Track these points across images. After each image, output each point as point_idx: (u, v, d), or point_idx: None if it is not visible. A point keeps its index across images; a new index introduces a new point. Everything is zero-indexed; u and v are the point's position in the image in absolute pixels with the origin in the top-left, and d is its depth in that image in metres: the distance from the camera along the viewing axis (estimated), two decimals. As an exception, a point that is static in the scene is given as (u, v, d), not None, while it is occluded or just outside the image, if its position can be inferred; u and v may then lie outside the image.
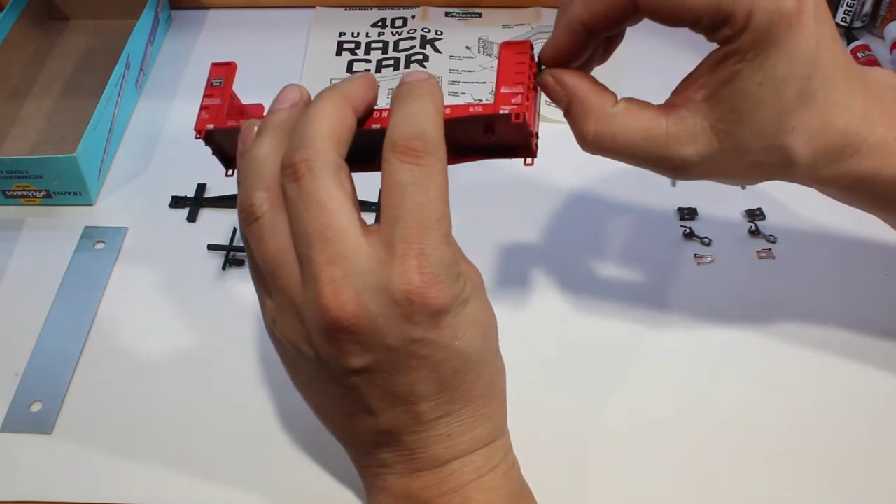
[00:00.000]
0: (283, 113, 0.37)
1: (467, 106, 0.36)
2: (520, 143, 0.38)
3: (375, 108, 0.38)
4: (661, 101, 0.70)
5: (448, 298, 0.33)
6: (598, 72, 0.73)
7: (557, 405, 0.48)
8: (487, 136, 0.37)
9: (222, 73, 0.42)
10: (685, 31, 0.81)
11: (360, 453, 0.39)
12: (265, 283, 0.36)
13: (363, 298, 0.32)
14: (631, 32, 0.77)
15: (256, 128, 0.37)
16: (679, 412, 0.47)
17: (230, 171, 0.43)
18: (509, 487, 0.38)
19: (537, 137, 0.38)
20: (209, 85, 0.41)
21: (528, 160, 0.39)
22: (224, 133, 0.40)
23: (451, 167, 0.40)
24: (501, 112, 0.36)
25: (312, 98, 0.37)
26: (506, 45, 0.38)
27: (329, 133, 0.34)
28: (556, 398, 0.48)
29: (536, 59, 0.39)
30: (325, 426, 0.40)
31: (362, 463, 0.39)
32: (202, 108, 0.41)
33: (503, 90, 0.36)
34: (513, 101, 0.36)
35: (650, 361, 0.50)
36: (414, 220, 0.32)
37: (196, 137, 0.40)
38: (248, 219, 0.35)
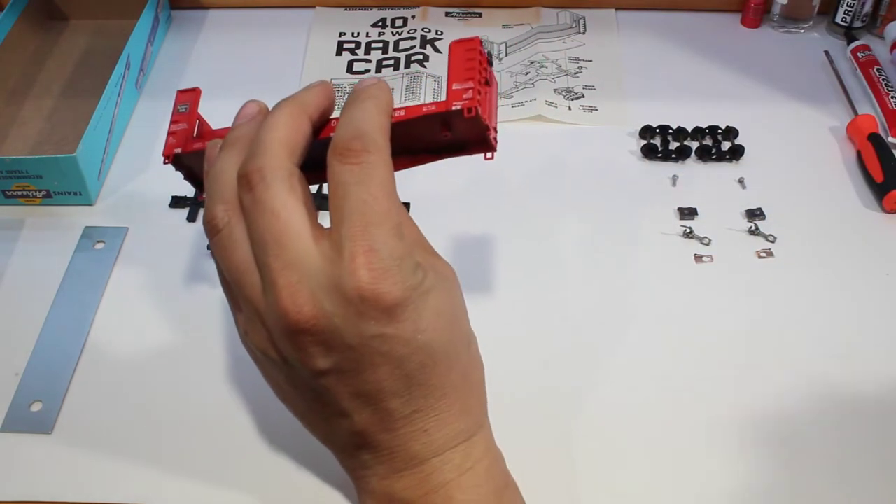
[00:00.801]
0: (243, 128, 0.37)
1: (420, 106, 0.37)
2: (478, 139, 0.38)
3: (334, 117, 0.38)
4: (661, 100, 0.71)
5: (401, 292, 0.33)
6: (601, 72, 0.74)
7: (552, 404, 0.48)
8: (445, 133, 0.38)
9: (188, 98, 0.42)
10: (685, 30, 0.82)
11: (344, 456, 0.39)
12: (234, 296, 0.37)
13: (319, 299, 0.33)
14: (631, 31, 0.78)
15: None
16: (677, 411, 0.47)
17: (202, 195, 0.43)
18: (492, 484, 0.38)
19: (495, 131, 0.38)
20: (175, 111, 0.42)
21: (488, 154, 0.39)
22: (192, 156, 0.41)
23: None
24: (454, 108, 0.36)
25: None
26: (455, 43, 0.38)
27: (282, 142, 0.34)
28: (551, 397, 0.48)
29: (488, 54, 0.39)
30: (308, 431, 0.40)
31: (348, 466, 0.39)
32: (169, 133, 0.41)
33: (454, 87, 0.36)
34: (464, 96, 0.36)
35: (649, 361, 0.50)
36: (359, 217, 0.33)
37: (165, 162, 0.41)
38: (212, 232, 0.36)
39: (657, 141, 0.65)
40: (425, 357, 0.34)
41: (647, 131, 0.65)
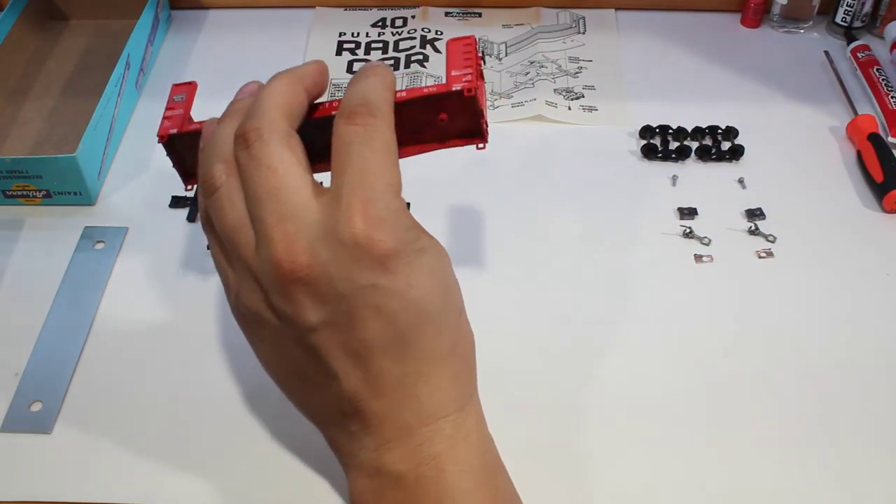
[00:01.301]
0: (242, 102, 0.38)
1: (422, 88, 0.38)
2: (471, 126, 0.39)
3: (333, 99, 0.39)
4: (661, 100, 0.71)
5: (395, 242, 0.33)
6: (601, 72, 0.74)
7: (551, 404, 0.48)
8: (441, 119, 0.39)
9: (183, 90, 0.44)
10: (685, 30, 0.82)
11: (333, 430, 0.38)
12: (227, 257, 0.37)
13: (315, 248, 0.33)
14: (631, 31, 0.78)
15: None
16: (677, 411, 0.47)
17: (188, 187, 0.44)
18: (483, 460, 0.37)
19: (487, 124, 0.40)
20: (171, 101, 0.43)
21: (480, 145, 0.40)
22: (187, 141, 0.42)
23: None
24: (454, 89, 0.37)
25: None
26: (452, 40, 0.40)
27: (279, 106, 0.35)
28: (550, 397, 0.48)
29: (481, 52, 0.40)
30: (298, 408, 0.39)
31: (336, 443, 0.39)
32: (164, 118, 0.42)
33: (453, 73, 0.38)
34: (464, 79, 0.38)
35: (650, 361, 0.50)
36: (359, 171, 0.33)
37: (159, 142, 0.42)
38: (209, 191, 0.36)
39: (657, 141, 0.65)
40: (416, 315, 0.34)
41: (646, 131, 0.65)
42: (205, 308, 0.53)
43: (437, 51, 0.74)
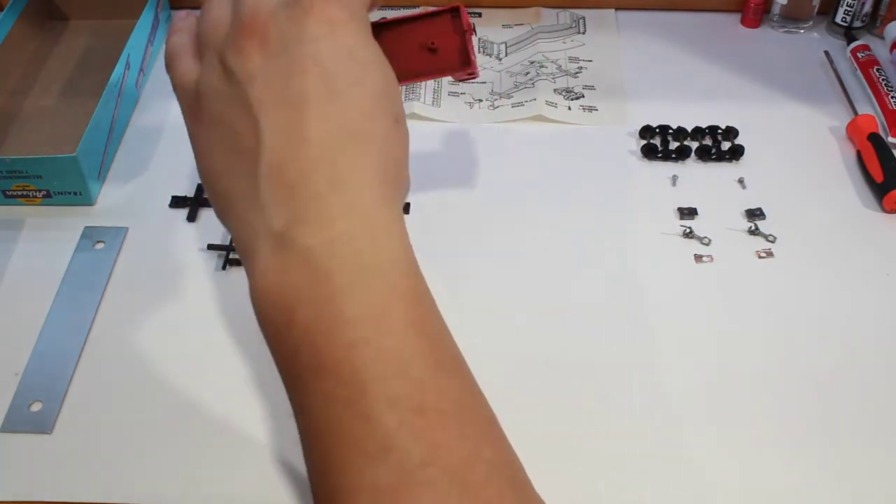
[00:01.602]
0: None
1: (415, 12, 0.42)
2: (460, 55, 0.42)
3: None
4: (661, 100, 0.71)
5: (348, 15, 0.35)
6: (601, 72, 0.73)
7: (552, 405, 0.48)
8: (431, 46, 0.41)
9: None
10: (685, 30, 0.82)
11: (244, 209, 0.35)
12: (198, 56, 0.38)
13: (276, 12, 0.35)
14: (631, 31, 0.78)
15: None
16: (677, 412, 0.47)
17: None
18: (408, 257, 0.34)
19: (475, 65, 0.42)
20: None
21: (470, 72, 0.42)
22: None
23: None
24: (450, 6, 0.41)
25: None
26: None
27: None
28: (550, 398, 0.48)
29: (473, 25, 0.43)
30: (217, 197, 0.37)
31: (246, 229, 0.35)
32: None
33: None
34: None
35: (649, 362, 0.50)
36: None
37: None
38: (205, 6, 0.38)
39: (657, 141, 0.65)
40: (354, 81, 0.35)
41: (646, 131, 0.65)
42: (205, 308, 0.53)
43: (437, 51, 0.74)
